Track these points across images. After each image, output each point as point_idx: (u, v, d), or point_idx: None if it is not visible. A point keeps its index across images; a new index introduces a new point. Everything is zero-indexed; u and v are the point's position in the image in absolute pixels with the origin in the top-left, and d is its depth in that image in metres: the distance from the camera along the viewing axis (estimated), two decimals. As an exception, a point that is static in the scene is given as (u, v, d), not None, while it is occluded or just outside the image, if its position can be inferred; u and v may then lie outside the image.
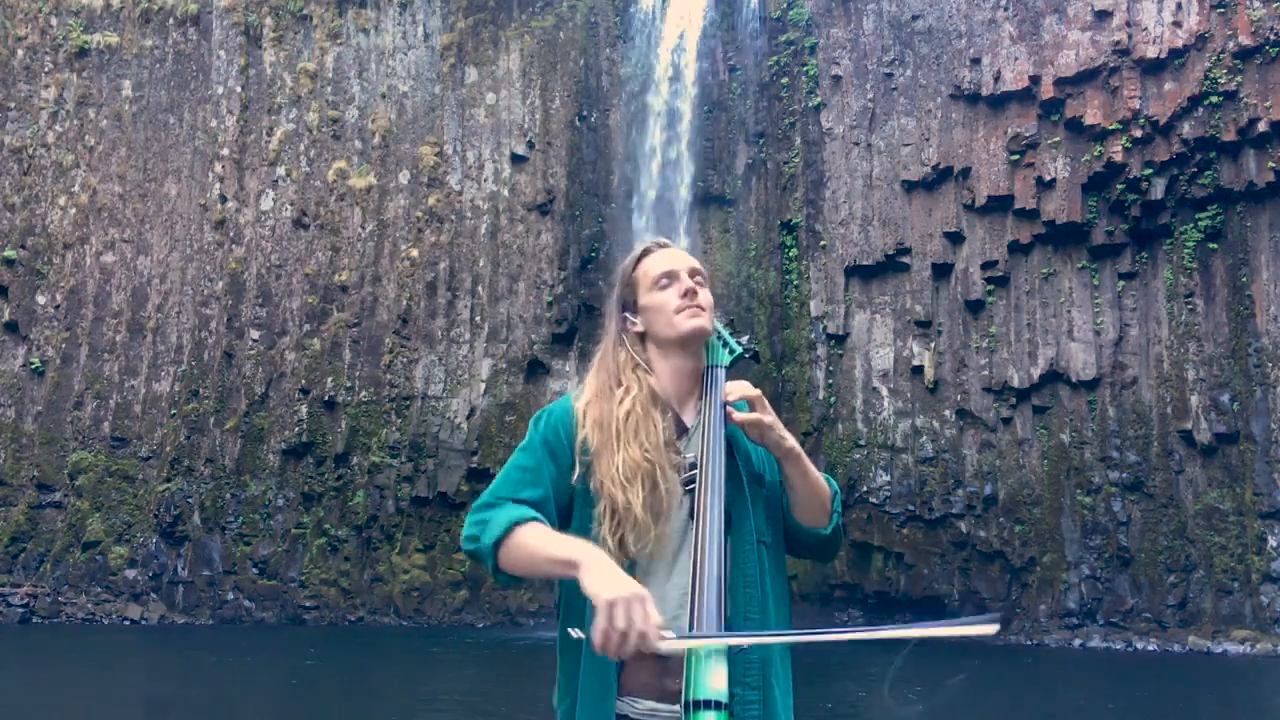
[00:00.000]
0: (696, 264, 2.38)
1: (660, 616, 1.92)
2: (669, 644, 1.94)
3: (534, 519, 2.13)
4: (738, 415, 2.23)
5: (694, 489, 2.20)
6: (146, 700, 12.31)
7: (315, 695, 13.19)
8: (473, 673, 16.00)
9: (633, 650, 1.89)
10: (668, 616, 2.13)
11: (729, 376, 2.36)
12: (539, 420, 2.35)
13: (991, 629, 1.86)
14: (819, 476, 2.32)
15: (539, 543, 2.08)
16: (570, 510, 2.27)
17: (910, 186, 23.99)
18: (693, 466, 2.23)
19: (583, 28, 26.24)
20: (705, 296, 2.35)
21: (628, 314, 2.40)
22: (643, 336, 2.39)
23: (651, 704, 2.13)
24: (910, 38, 24.25)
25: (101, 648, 17.84)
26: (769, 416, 2.23)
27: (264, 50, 25.38)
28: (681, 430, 2.31)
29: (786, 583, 2.34)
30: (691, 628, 2.02)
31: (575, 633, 1.93)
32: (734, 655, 2.06)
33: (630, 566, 2.16)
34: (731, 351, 2.42)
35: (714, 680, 1.95)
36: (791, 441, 2.26)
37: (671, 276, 2.34)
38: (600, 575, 1.94)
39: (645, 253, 2.43)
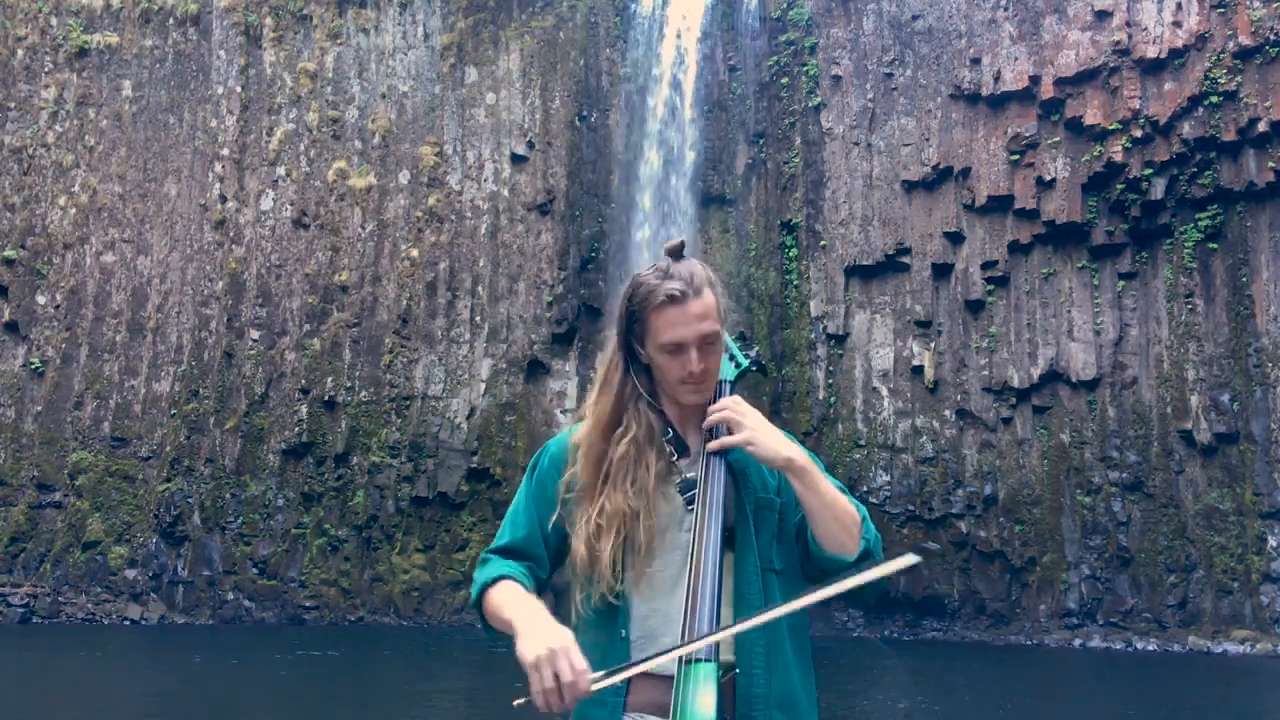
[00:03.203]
0: (711, 324, 2.21)
1: (584, 662, 1.95)
2: (600, 684, 1.99)
3: (504, 578, 2.23)
4: (713, 444, 2.18)
5: (694, 508, 2.18)
6: (146, 700, 12.30)
7: (315, 695, 13.18)
8: (473, 673, 15.99)
9: (572, 701, 1.94)
10: (673, 635, 2.13)
11: (737, 390, 2.32)
12: (536, 460, 2.38)
13: (911, 561, 1.86)
14: (837, 495, 2.18)
15: (497, 606, 2.21)
16: (564, 545, 2.30)
17: (910, 186, 24.00)
18: (692, 485, 2.21)
19: (583, 28, 26.23)
20: (713, 364, 2.25)
21: (635, 342, 2.29)
22: (649, 367, 2.31)
23: None
24: (910, 38, 24.25)
25: (101, 648, 17.82)
26: (741, 435, 2.15)
27: (264, 50, 25.37)
28: (684, 451, 2.28)
29: (804, 614, 2.20)
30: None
31: (517, 703, 2.00)
32: (738, 637, 2.09)
33: (627, 589, 2.19)
34: (738, 365, 2.37)
35: (702, 705, 1.95)
36: (789, 452, 2.14)
37: (681, 348, 2.20)
38: (526, 640, 2.00)
39: (663, 302, 2.21)
